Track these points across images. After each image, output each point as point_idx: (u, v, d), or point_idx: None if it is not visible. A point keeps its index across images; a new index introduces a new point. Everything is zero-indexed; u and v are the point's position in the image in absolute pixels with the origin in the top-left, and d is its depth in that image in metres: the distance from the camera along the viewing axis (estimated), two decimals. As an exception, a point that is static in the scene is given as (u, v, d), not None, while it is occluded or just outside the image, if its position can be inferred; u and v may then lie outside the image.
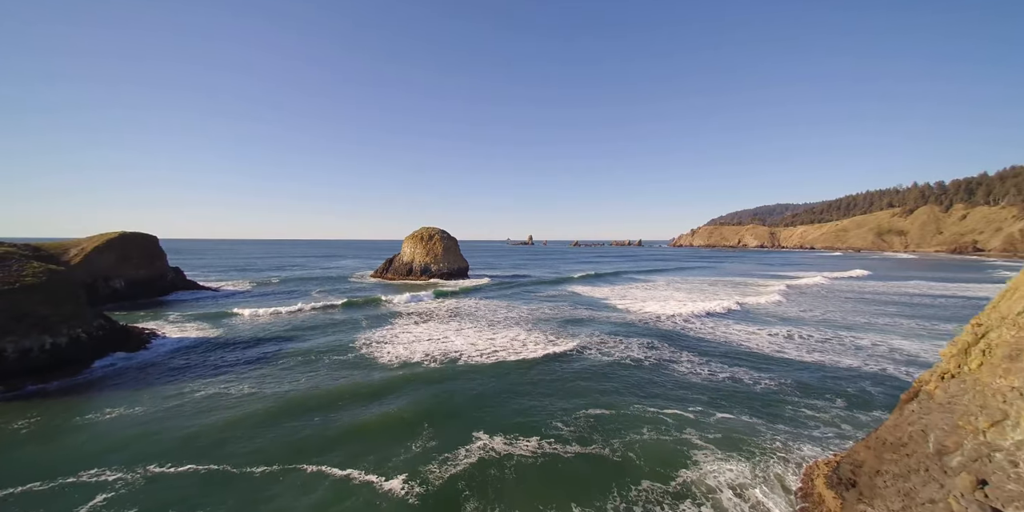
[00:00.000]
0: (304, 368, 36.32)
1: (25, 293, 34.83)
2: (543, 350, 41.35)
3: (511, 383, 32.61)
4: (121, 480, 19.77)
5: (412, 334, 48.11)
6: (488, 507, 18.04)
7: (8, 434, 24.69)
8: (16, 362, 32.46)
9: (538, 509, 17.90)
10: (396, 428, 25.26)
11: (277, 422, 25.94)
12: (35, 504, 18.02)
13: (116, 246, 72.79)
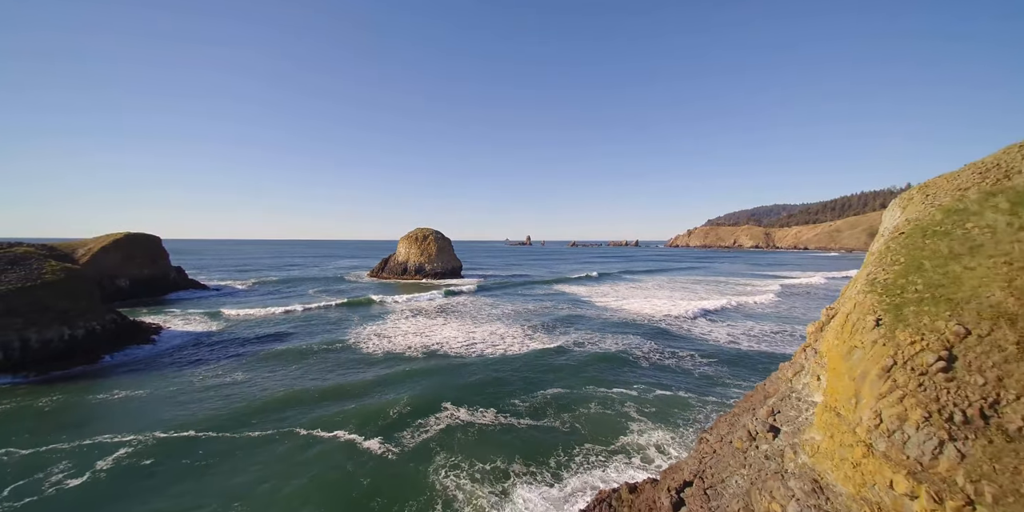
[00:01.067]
0: (298, 357, 40.03)
1: (46, 289, 38.54)
2: (518, 343, 45.14)
3: (482, 370, 36.39)
4: (135, 440, 23.59)
5: (399, 329, 51.83)
6: (453, 458, 21.87)
7: (36, 408, 28.50)
8: (40, 351, 36.16)
9: (492, 460, 21.70)
10: (377, 403, 29.02)
11: (272, 399, 29.70)
12: (61, 457, 21.88)
13: (121, 246, 76.44)
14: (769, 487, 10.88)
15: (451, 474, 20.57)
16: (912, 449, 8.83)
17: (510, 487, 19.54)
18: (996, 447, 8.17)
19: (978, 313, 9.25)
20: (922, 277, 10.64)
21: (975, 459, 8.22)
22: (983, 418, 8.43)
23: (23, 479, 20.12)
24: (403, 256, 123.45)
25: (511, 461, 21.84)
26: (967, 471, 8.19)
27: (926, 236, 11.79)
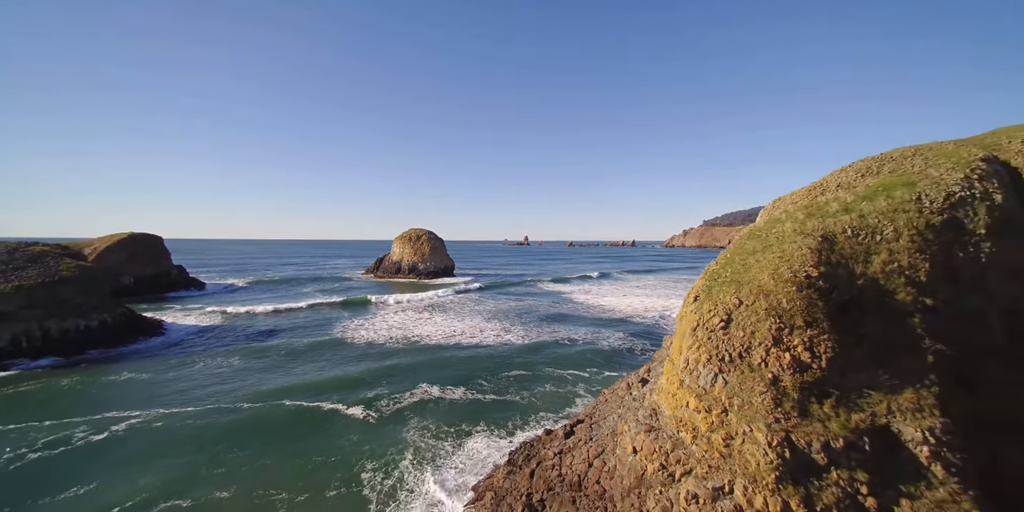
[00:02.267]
0: (291, 348, 44.10)
1: (63, 285, 42.53)
2: (494, 335, 49.39)
3: (457, 357, 40.63)
4: (140, 415, 27.58)
5: (386, 324, 55.97)
6: (424, 422, 26.12)
7: (55, 388, 32.53)
8: (59, 340, 40.17)
9: (457, 424, 25.97)
10: (359, 382, 33.20)
11: (266, 381, 33.82)
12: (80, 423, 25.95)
13: (125, 245, 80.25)
14: (627, 417, 15.19)
15: (421, 433, 24.83)
16: (701, 380, 13.17)
17: (468, 441, 23.81)
18: (744, 375, 12.52)
19: (750, 290, 13.58)
20: (731, 267, 14.97)
21: (732, 384, 12.58)
22: (740, 358, 12.77)
23: (52, 435, 24.25)
24: (397, 256, 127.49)
25: (475, 425, 26.11)
26: (727, 391, 12.55)
27: (747, 238, 16.14)
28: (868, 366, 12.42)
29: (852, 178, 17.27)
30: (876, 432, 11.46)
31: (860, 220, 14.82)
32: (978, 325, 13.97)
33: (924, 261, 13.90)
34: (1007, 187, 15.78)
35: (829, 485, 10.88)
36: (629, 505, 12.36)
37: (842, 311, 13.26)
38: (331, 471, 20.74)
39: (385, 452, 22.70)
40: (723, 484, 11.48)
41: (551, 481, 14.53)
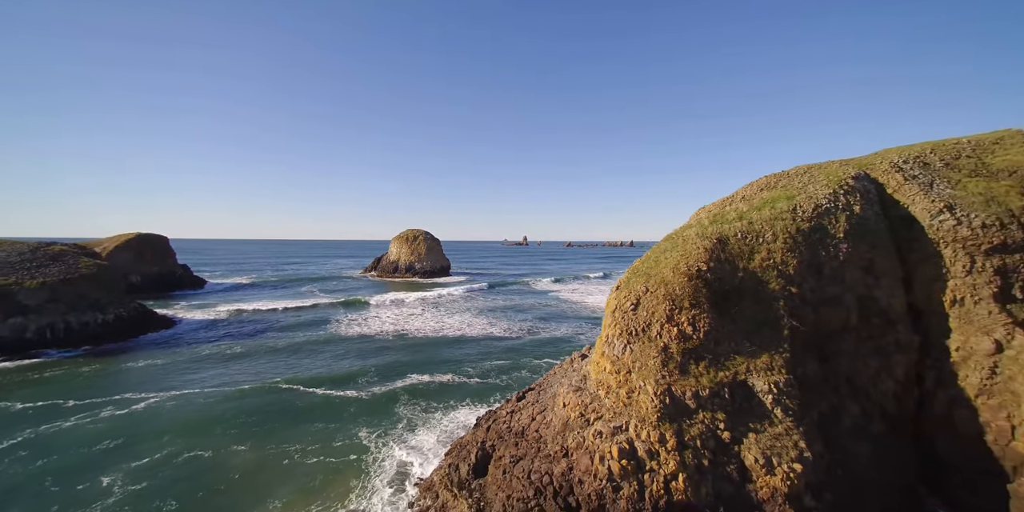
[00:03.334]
0: (291, 340, 47.84)
1: (83, 281, 46.24)
2: (480, 329, 53.22)
3: (443, 348, 44.47)
4: (157, 396, 31.25)
5: (380, 319, 59.75)
6: (415, 400, 29.93)
7: (76, 374, 36.20)
8: (79, 332, 43.85)
9: (445, 401, 29.82)
10: (355, 370, 36.97)
11: (268, 368, 37.57)
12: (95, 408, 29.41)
13: (132, 246, 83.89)
14: (563, 382, 19.03)
15: (412, 407, 28.67)
16: (615, 350, 17.02)
17: (453, 412, 27.66)
18: (644, 345, 16.38)
19: (655, 281, 17.44)
20: (646, 263, 18.84)
21: (635, 351, 16.44)
22: (643, 331, 16.63)
23: (81, 412, 27.92)
24: (394, 255, 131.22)
25: (460, 402, 29.98)
26: (631, 357, 16.41)
27: (665, 240, 20.01)
28: (737, 337, 16.29)
29: (753, 191, 21.18)
30: (736, 385, 15.33)
31: (748, 226, 18.70)
32: (837, 308, 17.89)
33: (793, 258, 17.78)
34: (871, 199, 19.70)
35: (695, 423, 14.74)
36: (555, 444, 16.17)
37: (724, 296, 17.13)
38: (333, 433, 24.59)
39: (380, 421, 26.51)
40: (622, 424, 15.33)
41: (501, 432, 18.30)
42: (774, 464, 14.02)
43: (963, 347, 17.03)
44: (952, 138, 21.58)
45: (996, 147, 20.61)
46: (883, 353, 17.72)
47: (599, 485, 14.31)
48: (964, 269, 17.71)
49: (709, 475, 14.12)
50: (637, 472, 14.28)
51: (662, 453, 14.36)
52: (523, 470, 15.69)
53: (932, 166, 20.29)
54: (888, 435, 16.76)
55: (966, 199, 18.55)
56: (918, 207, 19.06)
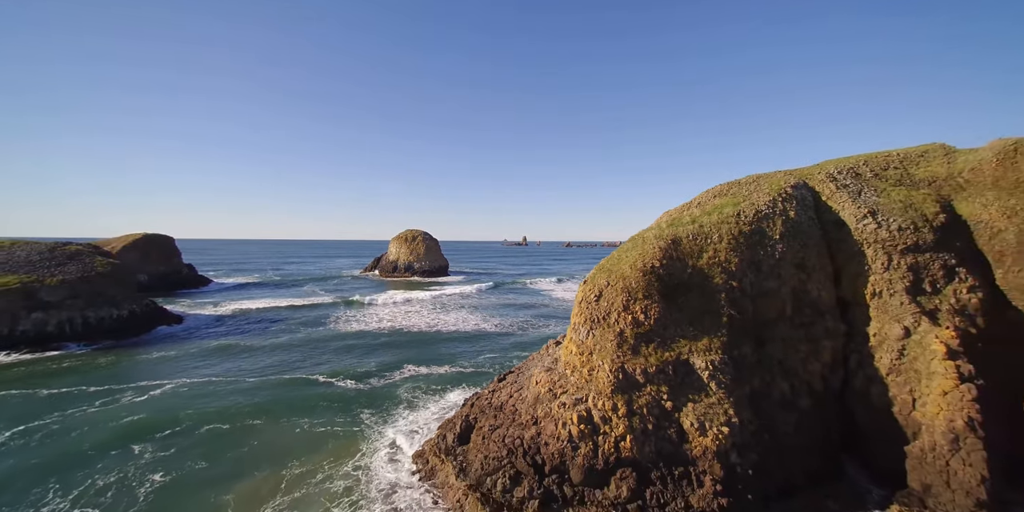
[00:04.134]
0: (293, 335, 50.57)
1: (99, 279, 49.00)
2: (473, 325, 56.02)
3: (439, 342, 47.25)
4: (172, 383, 33.94)
5: (378, 316, 62.52)
6: (415, 385, 32.71)
7: (95, 365, 38.92)
8: (95, 326, 46.57)
9: (442, 385, 32.72)
10: (355, 362, 39.70)
11: (272, 359, 40.30)
12: (125, 389, 32.23)
13: (139, 245, 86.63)
14: (538, 365, 21.82)
15: (410, 393, 31.42)
16: (580, 335, 19.82)
17: (447, 394, 30.46)
18: (604, 330, 19.17)
19: (615, 276, 20.22)
20: (611, 260, 21.63)
21: (596, 336, 19.23)
22: (603, 319, 19.41)
23: (103, 397, 30.58)
24: (393, 255, 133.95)
25: (453, 388, 32.75)
26: (593, 341, 19.19)
27: (628, 241, 22.80)
28: (682, 324, 19.09)
29: (708, 198, 23.99)
30: (679, 363, 18.12)
31: (699, 228, 21.48)
32: (773, 300, 20.69)
33: (735, 257, 20.57)
34: (807, 205, 22.52)
35: (643, 394, 17.53)
36: (527, 414, 18.93)
37: (674, 289, 19.91)
38: (338, 412, 27.47)
39: (381, 404, 29.31)
40: (583, 396, 18.11)
41: (483, 407, 21.03)
42: (706, 428, 16.83)
43: (879, 333, 19.85)
44: (884, 151, 24.40)
45: (921, 159, 23.45)
46: (813, 339, 20.52)
47: (561, 446, 17.10)
48: (883, 266, 20.52)
49: (652, 437, 16.92)
50: (593, 435, 17.07)
51: (614, 419, 17.15)
52: (499, 436, 18.47)
53: (863, 176, 23.12)
54: (813, 408, 19.55)
55: (888, 205, 21.36)
56: (847, 212, 21.89)
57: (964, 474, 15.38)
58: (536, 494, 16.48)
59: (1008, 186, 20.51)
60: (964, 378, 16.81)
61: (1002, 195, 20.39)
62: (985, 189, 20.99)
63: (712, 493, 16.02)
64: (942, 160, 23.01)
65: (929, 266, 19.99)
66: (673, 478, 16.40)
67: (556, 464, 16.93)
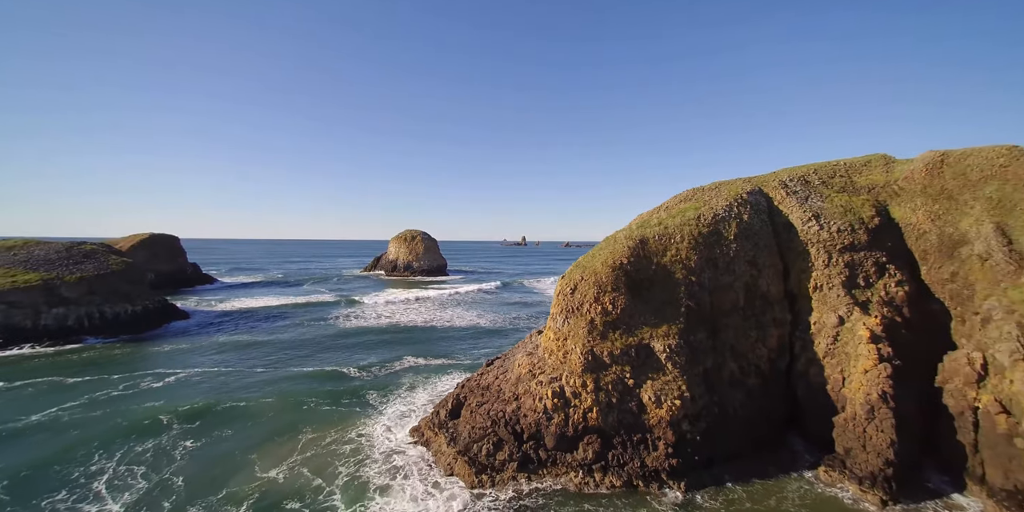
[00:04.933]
0: (296, 330, 53.24)
1: (114, 276, 51.69)
2: (469, 320, 58.82)
3: (436, 336, 50.03)
4: (187, 371, 36.70)
5: (378, 312, 65.23)
6: (411, 374, 35.45)
7: (114, 356, 41.66)
8: (112, 321, 49.25)
9: (437, 373, 35.33)
10: (357, 355, 42.44)
11: (278, 352, 43.03)
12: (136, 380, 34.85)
13: (147, 245, 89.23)
14: (522, 351, 24.58)
15: (410, 378, 34.23)
16: (558, 323, 22.59)
17: (442, 381, 33.23)
18: (577, 318, 21.94)
19: (589, 271, 23.00)
20: (586, 258, 24.40)
21: (571, 324, 22.02)
22: (577, 309, 22.18)
23: (125, 383, 33.27)
24: (393, 255, 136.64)
25: (448, 374, 35.63)
26: (568, 328, 21.96)
27: (603, 241, 25.56)
28: (646, 313, 21.86)
29: (675, 202, 26.79)
30: (640, 347, 20.91)
31: (664, 230, 24.25)
32: (728, 292, 23.48)
33: (695, 255, 23.35)
34: (760, 209, 25.32)
35: (609, 373, 20.31)
36: (510, 392, 21.68)
37: (639, 283, 22.68)
38: (343, 394, 30.47)
39: (383, 387, 32.13)
40: (557, 376, 20.88)
41: (472, 388, 23.76)
42: (662, 401, 19.63)
43: (818, 322, 22.66)
44: (833, 160, 27.20)
45: (864, 168, 26.26)
46: (761, 327, 23.33)
47: (537, 417, 19.88)
48: (824, 263, 23.34)
49: (616, 409, 19.72)
50: (564, 407, 19.85)
51: (583, 394, 19.93)
52: (485, 410, 21.25)
53: (812, 183, 25.94)
54: (760, 386, 22.35)
55: (830, 209, 24.17)
56: (795, 216, 24.69)
57: (877, 439, 18.16)
58: (515, 457, 19.28)
59: (934, 193, 23.32)
60: (883, 359, 19.62)
61: (928, 201, 23.21)
62: (915, 195, 23.80)
63: (664, 455, 18.84)
64: (882, 169, 25.81)
65: (863, 263, 22.80)
66: (632, 443, 19.20)
67: (533, 432, 19.72)
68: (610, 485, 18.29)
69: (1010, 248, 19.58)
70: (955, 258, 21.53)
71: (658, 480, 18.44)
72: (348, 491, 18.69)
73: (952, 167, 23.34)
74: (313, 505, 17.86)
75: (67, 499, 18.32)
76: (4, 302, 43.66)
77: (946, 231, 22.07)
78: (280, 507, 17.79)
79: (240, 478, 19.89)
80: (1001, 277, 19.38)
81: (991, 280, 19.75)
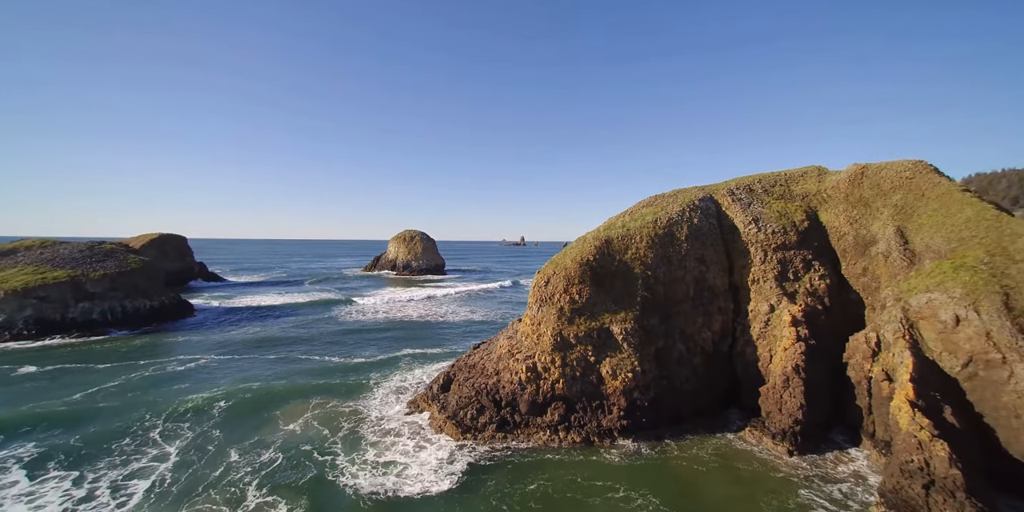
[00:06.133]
0: (301, 324, 57.21)
1: (134, 273, 55.59)
2: (462, 316, 62.82)
3: (432, 328, 54.05)
4: (205, 357, 40.68)
5: (377, 308, 69.25)
6: (408, 359, 39.39)
7: (137, 345, 45.59)
8: (132, 315, 53.17)
9: (432, 359, 39.27)
10: (358, 346, 46.39)
11: (288, 343, 47.00)
12: (169, 361, 38.86)
13: (156, 244, 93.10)
14: (504, 335, 28.57)
15: (408, 362, 38.19)
16: (533, 311, 26.60)
17: (437, 364, 37.23)
18: (549, 306, 25.92)
19: (560, 266, 26.97)
20: (559, 255, 28.36)
21: (544, 311, 26.01)
22: (549, 298, 26.17)
23: (152, 368, 37.18)
24: (392, 254, 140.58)
25: (442, 359, 39.47)
26: (541, 315, 25.93)
27: (576, 240, 29.52)
28: (607, 302, 25.85)
29: (638, 208, 30.78)
30: (601, 330, 24.88)
31: (626, 231, 28.23)
32: (680, 285, 27.46)
33: (651, 253, 27.33)
34: (710, 214, 29.32)
35: (574, 352, 24.29)
36: (492, 368, 25.63)
37: (603, 277, 26.66)
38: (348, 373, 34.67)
39: (384, 369, 36.20)
40: (531, 354, 24.85)
41: (461, 366, 27.70)
42: (617, 374, 23.62)
43: (755, 309, 26.67)
44: (776, 171, 31.22)
45: (801, 178, 30.28)
46: (708, 314, 27.32)
47: (513, 387, 23.86)
48: (761, 260, 27.34)
49: (579, 381, 23.71)
50: (536, 379, 23.83)
51: (552, 368, 23.91)
52: (471, 384, 25.23)
53: (755, 191, 29.96)
54: (704, 364, 26.34)
55: (768, 214, 28.19)
56: (738, 219, 28.69)
57: (790, 403, 22.16)
58: (494, 420, 23.27)
59: (854, 200, 27.34)
60: (800, 339, 23.62)
61: (848, 207, 27.23)
62: (839, 202, 27.82)
63: (617, 417, 22.84)
64: (815, 179, 29.82)
65: (793, 260, 26.81)
66: (591, 408, 23.20)
67: (509, 400, 23.71)
68: (571, 441, 22.28)
69: (905, 247, 23.59)
70: (867, 256, 25.56)
71: (611, 437, 22.43)
72: (347, 441, 23.08)
73: (870, 178, 27.34)
74: (321, 448, 22.26)
75: (131, 444, 22.72)
76: (35, 297, 47.56)
77: (861, 233, 26.09)
78: (297, 448, 22.27)
79: (266, 430, 24.59)
80: (897, 271, 23.39)
81: (890, 274, 23.76)
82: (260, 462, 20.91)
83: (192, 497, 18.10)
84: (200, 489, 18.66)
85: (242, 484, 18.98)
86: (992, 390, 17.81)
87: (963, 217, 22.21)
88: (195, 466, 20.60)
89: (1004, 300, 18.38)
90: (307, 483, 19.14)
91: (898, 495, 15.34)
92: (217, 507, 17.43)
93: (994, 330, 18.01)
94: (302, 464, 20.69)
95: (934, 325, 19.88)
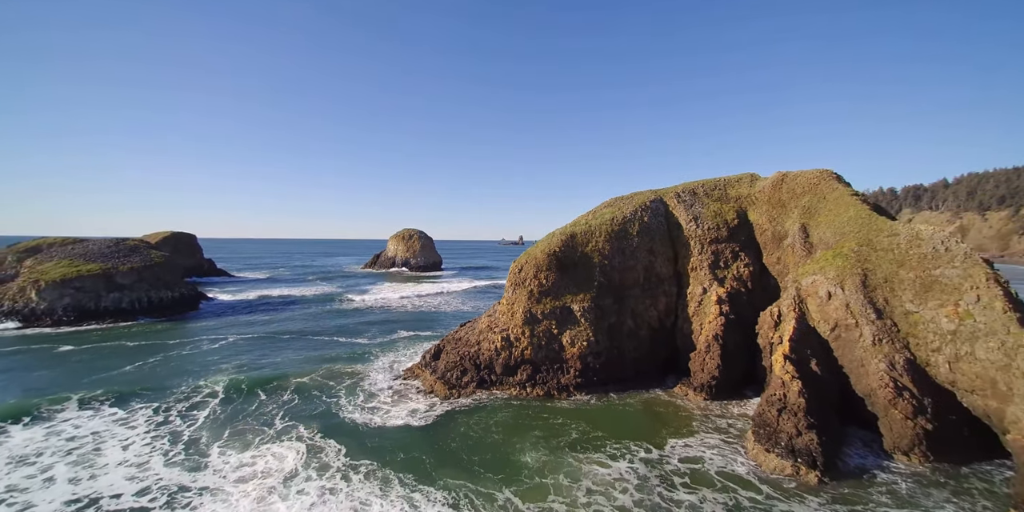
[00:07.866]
0: (306, 313, 62.78)
1: (158, 267, 61.15)
2: (455, 306, 68.55)
3: (423, 318, 59.68)
4: (226, 337, 46.29)
5: (374, 300, 74.81)
6: (406, 340, 45.04)
7: (164, 329, 51.19)
8: (157, 304, 58.74)
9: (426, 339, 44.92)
10: (357, 330, 52.06)
11: (298, 327, 52.68)
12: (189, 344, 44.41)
13: (169, 242, 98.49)
14: (486, 314, 34.21)
15: (405, 342, 43.82)
16: (509, 293, 32.24)
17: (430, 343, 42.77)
18: (521, 289, 31.64)
19: (531, 257, 32.59)
20: (533, 248, 33.98)
21: (517, 293, 31.73)
22: (522, 283, 31.85)
23: (185, 346, 42.80)
24: (392, 252, 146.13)
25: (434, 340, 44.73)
26: (515, 296, 31.63)
27: (546, 235, 35.15)
28: (570, 286, 31.48)
29: (600, 208, 36.42)
30: (564, 308, 30.53)
31: (588, 228, 33.84)
32: (632, 273, 33.11)
33: (608, 245, 32.94)
34: (658, 213, 34.95)
35: (541, 326, 29.95)
36: (474, 339, 31.25)
37: (566, 265, 32.28)
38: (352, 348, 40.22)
39: (383, 347, 41.81)
40: (506, 327, 30.49)
41: (449, 339, 33.29)
42: (575, 343, 29.29)
43: (691, 292, 32.34)
44: (716, 177, 36.86)
45: (737, 183, 35.93)
46: (655, 297, 32.97)
47: (490, 354, 29.52)
48: (698, 252, 32.99)
49: (544, 348, 29.38)
50: (509, 347, 29.48)
51: (522, 338, 29.56)
52: (456, 352, 30.89)
53: (697, 194, 35.62)
54: (649, 337, 32.00)
55: (705, 214, 33.84)
56: (682, 218, 34.35)
57: (709, 363, 27.84)
58: (475, 379, 28.94)
59: (774, 202, 33.00)
60: (721, 314, 29.29)
61: (770, 207, 32.90)
62: (763, 203, 33.46)
63: (573, 377, 28.53)
64: (748, 184, 35.44)
65: (724, 251, 32.46)
66: (553, 370, 28.88)
67: (487, 363, 29.38)
68: (536, 395, 27.95)
69: (806, 240, 29.24)
70: (781, 248, 31.23)
71: (567, 392, 28.12)
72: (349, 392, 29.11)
73: (787, 184, 32.96)
74: (328, 395, 28.41)
75: (187, 390, 28.92)
76: (73, 287, 53.10)
77: (777, 229, 31.75)
78: (309, 392, 28.80)
79: (286, 382, 30.95)
80: (799, 259, 29.05)
81: (795, 262, 29.43)
82: (282, 401, 27.50)
83: (237, 421, 24.23)
84: (241, 417, 24.93)
85: (271, 414, 25.24)
86: (849, 347, 23.49)
87: (847, 216, 27.83)
88: (236, 402, 27.10)
89: (862, 279, 24.04)
90: (317, 415, 25.45)
91: (762, 418, 21.03)
92: (257, 426, 23.53)
93: (852, 302, 23.69)
94: (313, 404, 26.93)
95: (815, 300, 25.54)
